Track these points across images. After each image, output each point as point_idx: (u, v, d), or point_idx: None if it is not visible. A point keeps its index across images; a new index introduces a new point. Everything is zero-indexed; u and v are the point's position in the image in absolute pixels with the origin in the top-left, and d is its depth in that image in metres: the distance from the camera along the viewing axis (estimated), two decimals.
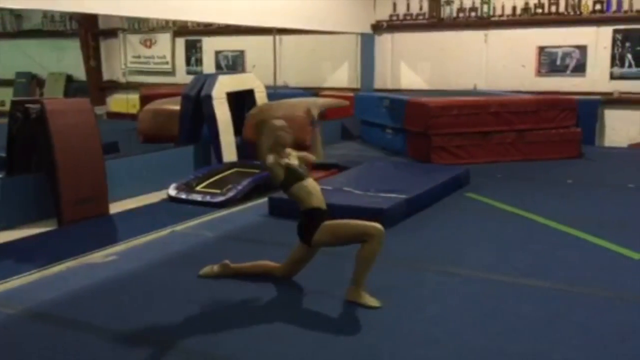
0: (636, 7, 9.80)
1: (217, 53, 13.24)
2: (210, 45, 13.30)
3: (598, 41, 10.09)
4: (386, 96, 9.88)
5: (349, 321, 3.57)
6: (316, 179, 7.08)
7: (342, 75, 12.32)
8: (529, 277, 4.22)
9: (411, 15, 11.45)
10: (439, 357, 3.16)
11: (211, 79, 7.82)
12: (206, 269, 4.29)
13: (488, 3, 10.78)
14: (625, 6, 9.86)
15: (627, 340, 3.30)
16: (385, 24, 11.67)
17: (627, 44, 9.93)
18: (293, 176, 3.87)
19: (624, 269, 4.37)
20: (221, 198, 6.42)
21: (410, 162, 8.54)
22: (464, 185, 7.02)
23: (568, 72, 10.37)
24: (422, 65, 11.59)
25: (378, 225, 3.73)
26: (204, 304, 3.84)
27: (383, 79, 11.88)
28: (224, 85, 7.77)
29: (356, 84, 11.92)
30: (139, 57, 13.87)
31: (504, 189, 6.87)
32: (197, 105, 7.72)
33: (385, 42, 11.81)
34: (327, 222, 3.85)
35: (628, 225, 5.44)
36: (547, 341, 3.29)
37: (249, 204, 6.41)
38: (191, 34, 13.43)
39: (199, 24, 12.70)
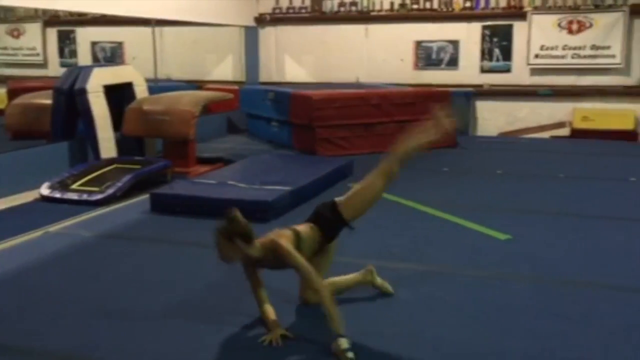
0: (502, 4, 10.49)
1: (94, 44, 12.61)
2: (85, 36, 12.63)
3: (469, 36, 10.71)
4: (271, 89, 9.90)
5: (234, 312, 3.55)
6: (201, 173, 7.08)
7: (226, 68, 12.18)
8: (405, 261, 4.41)
9: (294, 8, 11.54)
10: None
11: (85, 71, 7.43)
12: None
13: None
14: (493, 3, 10.53)
15: (495, 316, 3.54)
16: (268, 17, 11.67)
17: (495, 39, 10.62)
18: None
19: (491, 249, 4.68)
20: (99, 196, 6.14)
21: (296, 155, 8.62)
22: (348, 175, 7.19)
23: (443, 65, 10.92)
24: (306, 58, 11.72)
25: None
26: (78, 308, 3.66)
27: (268, 72, 11.88)
28: (100, 78, 7.40)
29: (241, 77, 11.84)
30: (5, 48, 12.91)
31: None
32: (71, 99, 7.31)
33: (269, 35, 11.82)
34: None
35: (496, 209, 5.83)
36: (422, 322, 3.46)
37: (130, 201, 6.19)
38: (64, 24, 12.68)
39: (71, 13, 12.01)
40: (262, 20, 11.72)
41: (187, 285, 4.01)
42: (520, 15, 10.32)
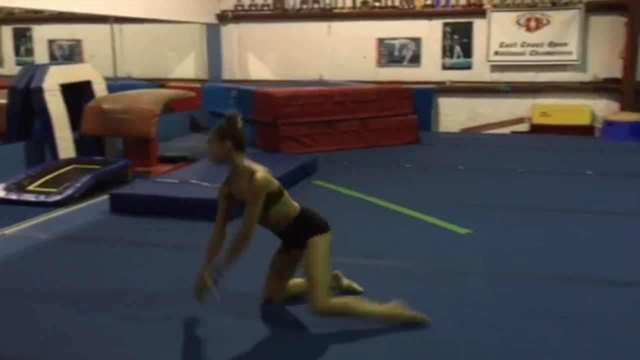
0: (462, 2, 10.63)
1: (51, 42, 12.33)
2: (42, 33, 12.35)
3: (430, 34, 10.81)
4: (234, 87, 9.83)
5: (197, 306, 3.52)
6: (163, 173, 6.98)
7: (189, 66, 12.05)
8: (368, 257, 4.44)
9: (256, 5, 11.48)
10: (286, 339, 3.21)
11: (42, 69, 7.26)
12: None
13: None
14: (453, 1, 10.66)
15: (453, 310, 3.58)
16: (230, 14, 11.58)
17: (456, 37, 10.75)
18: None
19: (452, 244, 4.75)
20: (57, 197, 6.01)
21: (260, 152, 8.55)
22: (312, 173, 7.20)
23: (405, 62, 11.01)
24: (269, 55, 11.67)
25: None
26: (35, 312, 3.58)
27: (231, 70, 11.80)
28: (57, 77, 7.24)
29: (204, 75, 11.72)
30: None
31: (349, 175, 7.15)
32: (27, 98, 7.14)
33: (231, 33, 11.73)
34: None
35: (457, 204, 5.90)
36: None
37: (89, 202, 6.07)
38: (20, 21, 12.39)
39: (27, 10, 11.71)
40: (224, 18, 11.62)
41: (149, 286, 3.95)
42: (480, 12, 10.47)
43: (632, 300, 3.68)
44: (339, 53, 11.22)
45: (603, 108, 10.23)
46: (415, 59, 10.95)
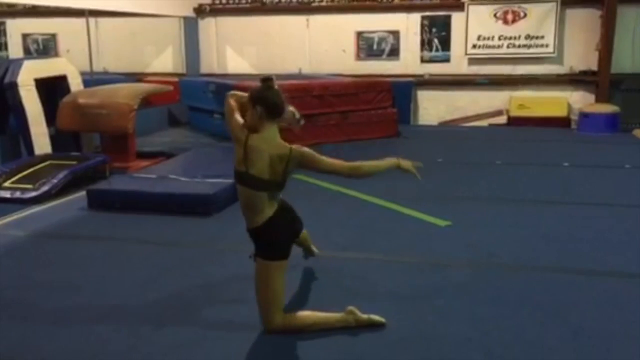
0: None
1: (25, 36, 12.13)
2: (16, 27, 12.16)
3: (408, 27, 10.84)
4: (212, 81, 9.75)
5: (175, 306, 3.50)
6: (141, 168, 6.92)
7: (166, 60, 11.94)
8: (347, 250, 4.46)
9: None
10: (267, 336, 3.21)
11: (15, 64, 7.13)
12: None
13: None
14: None
15: (433, 298, 3.61)
16: (208, 8, 11.49)
17: (434, 30, 10.79)
18: None
19: (431, 236, 4.78)
20: (33, 193, 5.93)
21: None
22: None
23: (384, 56, 11.03)
24: (248, 49, 11.61)
25: None
26: (9, 311, 3.53)
27: (210, 64, 11.71)
28: (31, 72, 7.12)
29: (182, 69, 11.63)
30: None
31: None
32: (1, 93, 7.01)
33: (209, 26, 11.64)
34: None
35: (436, 196, 5.94)
36: (364, 307, 3.49)
37: (66, 198, 6.00)
38: None
39: (0, 4, 11.49)
40: (201, 11, 11.53)
41: (126, 283, 3.92)
42: (458, 6, 10.52)
43: (606, 289, 3.74)
44: (318, 47, 11.20)
45: (579, 100, 10.36)
46: (394, 53, 10.97)
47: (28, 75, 7.06)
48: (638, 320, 3.33)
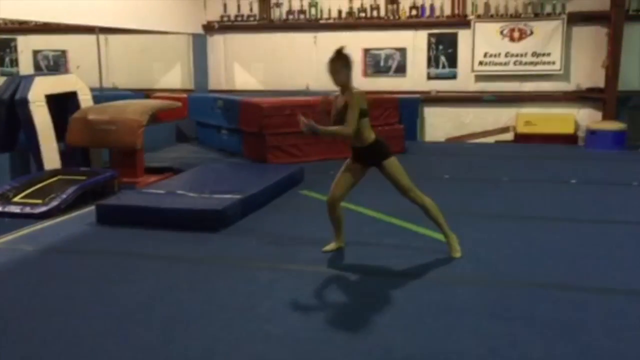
0: (447, 12, 10.74)
1: (36, 53, 12.28)
2: (27, 44, 12.31)
3: (415, 44, 10.91)
4: (220, 97, 9.84)
5: (182, 321, 3.51)
6: (150, 183, 6.96)
7: (175, 76, 12.05)
8: (354, 267, 4.45)
9: (242, 16, 11.51)
10: (274, 352, 3.22)
11: (27, 80, 7.23)
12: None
13: (316, 6, 11.16)
14: (438, 12, 10.77)
15: (439, 317, 3.61)
16: (216, 25, 11.61)
17: (440, 47, 10.85)
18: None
19: (437, 252, 4.77)
20: (43, 208, 5.98)
21: (247, 163, 8.59)
22: (299, 182, 7.22)
23: (391, 73, 11.09)
24: (255, 66, 11.70)
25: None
26: (20, 326, 3.55)
27: (217, 80, 11.81)
28: (42, 88, 7.22)
29: (190, 85, 11.73)
30: None
31: None
32: (12, 109, 7.10)
33: (217, 43, 11.75)
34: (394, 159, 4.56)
35: (443, 213, 5.92)
36: (369, 325, 3.50)
37: (75, 213, 6.04)
38: (4, 31, 12.33)
39: (12, 20, 11.66)
40: (210, 28, 11.65)
41: (135, 298, 3.94)
42: (465, 23, 10.59)
43: (614, 307, 3.73)
44: (325, 63, 11.23)
45: (586, 117, 10.37)
46: (400, 69, 11.03)
47: (39, 92, 7.16)
48: None
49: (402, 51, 10.98)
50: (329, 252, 4.74)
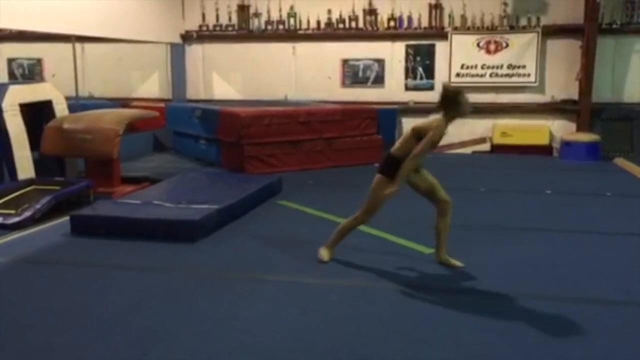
0: (424, 24, 10.84)
1: (10, 61, 12.11)
2: (1, 52, 12.13)
3: (393, 55, 11.00)
4: (198, 106, 9.80)
5: (160, 332, 3.46)
6: (126, 194, 6.89)
7: (153, 86, 11.98)
8: (332, 277, 4.45)
9: (221, 26, 11.50)
10: None
11: (1, 89, 7.11)
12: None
13: (294, 17, 11.19)
14: (415, 24, 10.87)
15: (418, 328, 3.61)
16: (195, 34, 11.57)
17: (418, 58, 10.95)
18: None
19: (415, 262, 4.79)
20: (16, 219, 5.87)
21: (224, 173, 8.55)
22: (277, 193, 7.20)
23: (369, 83, 11.15)
24: (234, 75, 11.69)
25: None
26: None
27: (196, 90, 11.76)
28: (16, 96, 7.11)
29: (168, 95, 11.66)
30: None
31: (314, 195, 7.17)
32: None
33: (196, 52, 11.71)
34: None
35: (420, 223, 5.92)
36: (348, 336, 3.49)
37: (49, 223, 5.94)
38: None
39: None
40: (188, 38, 11.61)
41: (110, 310, 3.87)
42: (442, 35, 10.70)
43: (587, 316, 3.77)
44: (304, 73, 11.30)
45: (561, 128, 10.53)
46: (379, 80, 11.10)
47: (13, 100, 7.05)
48: (620, 347, 3.36)
49: (380, 62, 11.06)
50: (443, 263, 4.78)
